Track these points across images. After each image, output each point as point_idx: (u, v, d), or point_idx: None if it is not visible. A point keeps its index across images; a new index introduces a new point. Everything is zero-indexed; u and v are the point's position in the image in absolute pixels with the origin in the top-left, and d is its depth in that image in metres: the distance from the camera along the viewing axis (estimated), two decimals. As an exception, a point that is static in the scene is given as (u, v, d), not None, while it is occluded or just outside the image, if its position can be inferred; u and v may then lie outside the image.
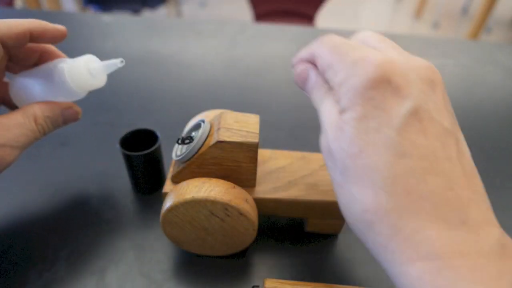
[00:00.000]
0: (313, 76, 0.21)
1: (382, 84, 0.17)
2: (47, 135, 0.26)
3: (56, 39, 0.25)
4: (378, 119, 0.17)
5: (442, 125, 0.17)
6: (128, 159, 0.30)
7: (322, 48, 0.21)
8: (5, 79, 0.28)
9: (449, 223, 0.16)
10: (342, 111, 0.18)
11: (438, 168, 0.16)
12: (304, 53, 0.22)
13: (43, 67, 0.25)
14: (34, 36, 0.23)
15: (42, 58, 0.26)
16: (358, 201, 0.17)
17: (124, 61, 0.25)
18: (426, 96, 0.17)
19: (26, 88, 0.26)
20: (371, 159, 0.17)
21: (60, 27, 0.25)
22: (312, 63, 0.22)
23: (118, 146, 0.30)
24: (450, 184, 0.16)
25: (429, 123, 0.17)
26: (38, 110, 0.25)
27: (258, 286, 0.23)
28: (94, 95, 0.29)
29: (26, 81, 0.26)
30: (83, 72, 0.24)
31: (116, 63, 0.25)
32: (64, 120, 0.27)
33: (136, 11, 1.59)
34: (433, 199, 0.16)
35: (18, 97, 0.26)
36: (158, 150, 0.31)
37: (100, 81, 0.25)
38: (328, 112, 0.19)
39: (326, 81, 0.21)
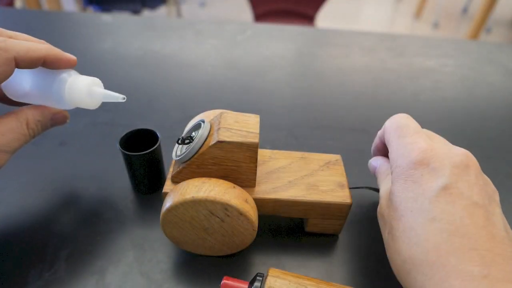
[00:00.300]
0: (379, 166, 0.30)
1: (422, 166, 0.22)
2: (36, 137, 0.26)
3: (65, 67, 0.25)
4: (416, 191, 0.22)
5: (471, 199, 0.21)
6: (128, 159, 0.30)
7: (390, 125, 0.27)
8: None
9: (471, 276, 0.18)
10: (391, 183, 0.24)
11: (464, 232, 0.20)
12: (381, 130, 0.30)
13: (47, 71, 0.25)
14: (46, 63, 0.24)
15: (45, 64, 0.26)
16: (399, 253, 0.21)
17: (126, 98, 0.25)
18: (457, 177, 0.22)
19: (21, 83, 0.25)
20: (409, 222, 0.21)
21: (72, 58, 0.25)
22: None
23: (118, 146, 0.30)
24: (474, 245, 0.19)
25: (457, 197, 0.21)
26: (30, 115, 0.25)
27: (262, 274, 0.23)
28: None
29: (23, 76, 0.25)
30: (83, 91, 0.25)
31: (117, 97, 0.25)
32: (53, 123, 0.27)
33: (136, 11, 1.59)
34: (457, 255, 0.19)
35: (10, 87, 0.26)
36: (158, 150, 0.31)
37: (94, 104, 0.26)
38: (384, 188, 0.26)
39: (388, 166, 0.28)
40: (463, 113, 0.48)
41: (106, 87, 0.26)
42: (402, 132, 0.25)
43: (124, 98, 0.25)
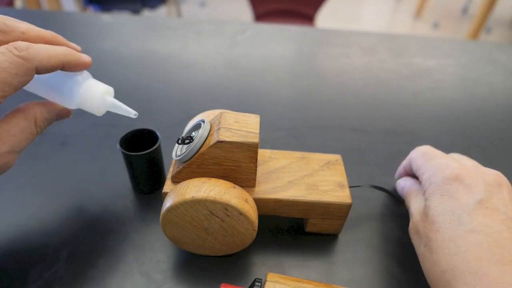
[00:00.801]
0: (408, 185, 0.30)
1: (456, 182, 0.24)
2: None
3: (81, 70, 0.25)
4: (452, 205, 0.23)
5: (507, 215, 0.22)
6: (128, 159, 0.30)
7: (416, 154, 0.29)
8: None
9: None
10: (426, 199, 0.25)
11: (503, 244, 0.20)
12: (405, 161, 0.32)
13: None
14: (64, 67, 0.24)
15: (63, 69, 0.26)
16: (438, 265, 0.22)
17: (137, 115, 0.26)
18: (491, 194, 0.23)
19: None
20: (447, 233, 0.22)
21: (88, 61, 0.25)
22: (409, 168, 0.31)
23: (118, 146, 0.30)
24: None
25: (493, 211, 0.22)
26: (38, 113, 0.25)
27: (260, 279, 0.23)
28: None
29: None
30: (96, 98, 0.25)
31: (130, 112, 0.26)
32: (57, 119, 0.27)
33: (136, 11, 1.59)
34: (499, 266, 0.19)
35: None
36: (158, 150, 0.31)
37: (101, 112, 0.26)
38: (416, 205, 0.27)
39: (418, 186, 0.29)
40: (463, 113, 0.48)
41: (101, 82, 0.26)
42: (430, 155, 0.28)
43: (135, 115, 0.25)
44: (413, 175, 0.31)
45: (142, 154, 0.29)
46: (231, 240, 0.26)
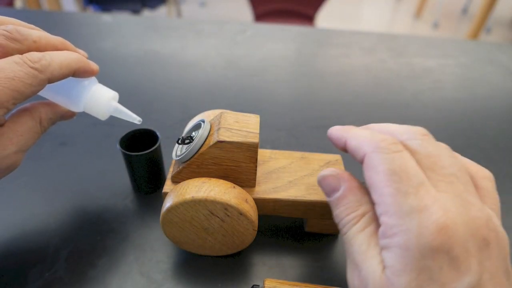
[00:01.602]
0: (347, 193, 0.20)
1: (441, 254, 0.16)
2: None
3: (88, 76, 0.26)
4: None
5: None
6: (128, 159, 0.30)
7: (378, 163, 0.18)
8: None
9: None
10: (389, 268, 0.17)
11: None
12: (354, 141, 0.20)
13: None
14: (74, 74, 0.24)
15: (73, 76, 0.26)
16: None
17: (141, 121, 0.26)
18: (482, 268, 0.17)
19: None
20: None
21: (96, 68, 0.25)
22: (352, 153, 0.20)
23: (118, 146, 0.30)
24: None
25: None
26: (43, 113, 0.25)
27: (258, 285, 0.23)
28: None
29: None
30: (102, 103, 0.25)
31: (134, 118, 0.26)
32: (61, 119, 0.28)
33: (136, 11, 1.59)
34: None
35: None
36: (158, 150, 0.31)
37: (106, 116, 0.26)
38: (364, 253, 0.19)
39: (360, 200, 0.20)
40: (463, 113, 0.48)
41: (107, 87, 0.26)
42: (402, 182, 0.18)
43: (140, 121, 0.26)
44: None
45: (142, 154, 0.29)
46: (231, 240, 0.26)
